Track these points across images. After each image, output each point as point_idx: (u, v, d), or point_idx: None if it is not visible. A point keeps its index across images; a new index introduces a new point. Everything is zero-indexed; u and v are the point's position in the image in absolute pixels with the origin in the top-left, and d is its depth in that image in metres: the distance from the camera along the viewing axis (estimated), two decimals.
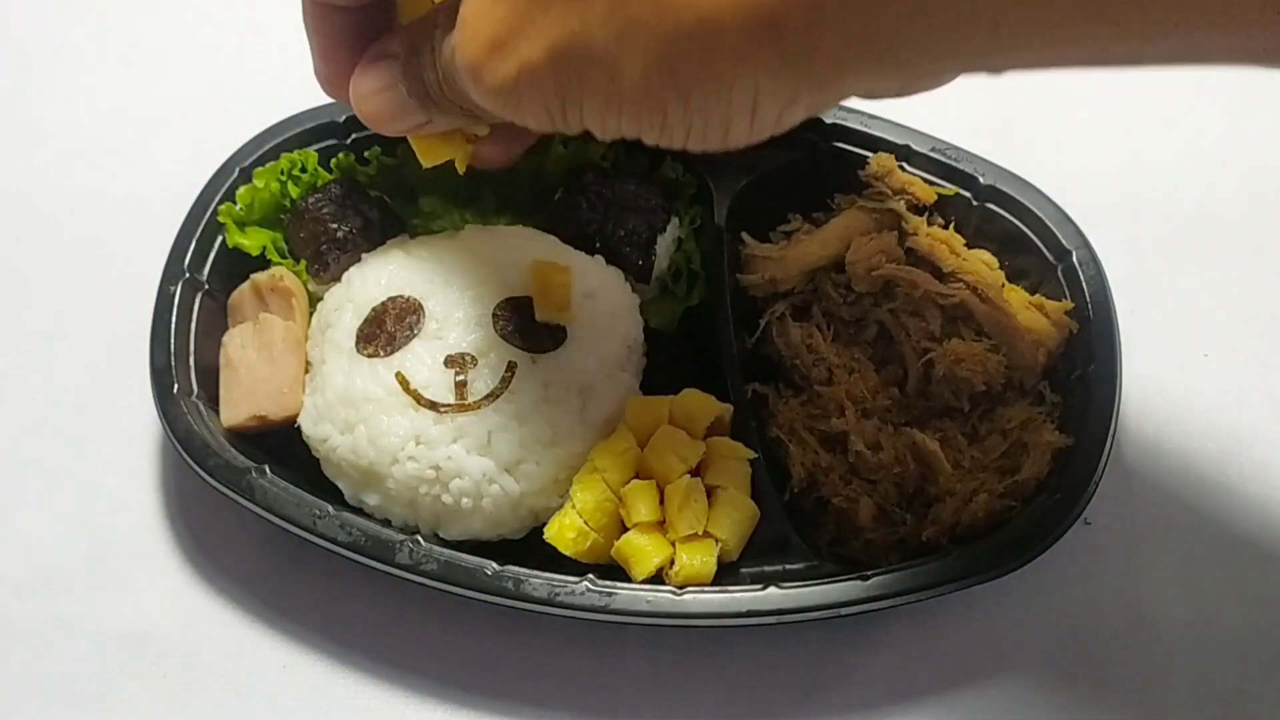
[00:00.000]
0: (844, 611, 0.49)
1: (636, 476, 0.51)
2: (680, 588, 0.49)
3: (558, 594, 0.49)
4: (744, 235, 0.58)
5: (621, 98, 0.36)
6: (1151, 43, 0.31)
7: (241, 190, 0.57)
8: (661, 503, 0.50)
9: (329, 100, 0.58)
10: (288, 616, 0.54)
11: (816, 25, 0.32)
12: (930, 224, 0.59)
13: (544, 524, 0.51)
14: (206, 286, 0.56)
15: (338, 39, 0.47)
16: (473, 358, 0.51)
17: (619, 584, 0.49)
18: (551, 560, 0.50)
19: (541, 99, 0.37)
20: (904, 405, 0.55)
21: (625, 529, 0.50)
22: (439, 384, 0.50)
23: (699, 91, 0.35)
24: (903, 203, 0.58)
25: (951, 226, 0.59)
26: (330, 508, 0.51)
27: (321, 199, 0.56)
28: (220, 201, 0.57)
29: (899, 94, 0.37)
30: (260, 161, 0.58)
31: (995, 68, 0.34)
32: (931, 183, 0.59)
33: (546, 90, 0.37)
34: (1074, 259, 0.56)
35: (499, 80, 0.37)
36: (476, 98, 0.39)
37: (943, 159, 0.59)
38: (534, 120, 0.39)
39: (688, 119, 0.36)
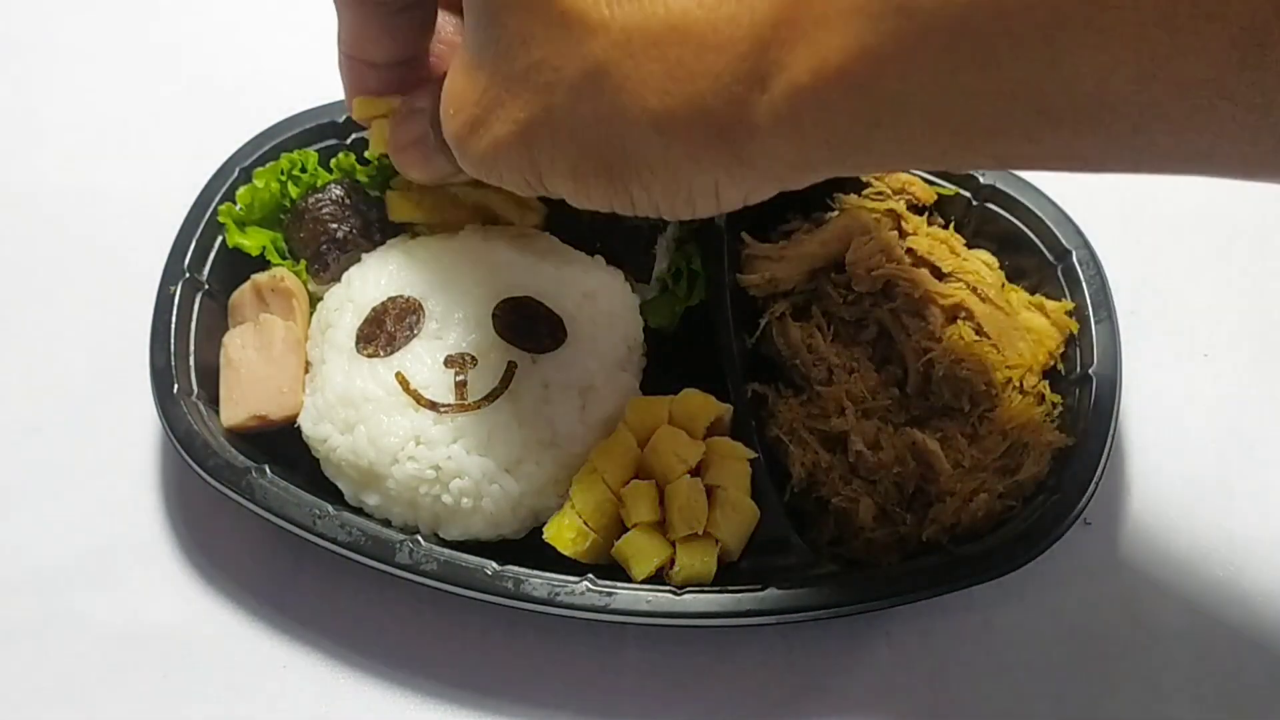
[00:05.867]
0: (844, 611, 0.49)
1: (636, 476, 0.51)
2: (680, 588, 0.49)
3: (558, 594, 0.49)
4: (744, 235, 0.58)
5: (587, 181, 0.39)
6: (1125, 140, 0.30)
7: (241, 190, 0.57)
8: (661, 503, 0.50)
9: (329, 100, 0.59)
10: (288, 616, 0.54)
11: (757, 135, 0.34)
12: (930, 224, 0.59)
13: (544, 524, 0.51)
14: (206, 286, 0.56)
15: (372, 92, 0.50)
16: (473, 358, 0.51)
17: (619, 584, 0.49)
18: (551, 560, 0.50)
19: (518, 172, 0.41)
20: (904, 405, 0.55)
21: (625, 529, 0.50)
22: (439, 384, 0.50)
23: (659, 182, 0.38)
24: (902, 202, 0.58)
25: (951, 226, 0.59)
26: (330, 508, 0.51)
27: (321, 199, 0.56)
28: (220, 201, 0.57)
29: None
30: (260, 161, 0.58)
31: (955, 168, 0.35)
32: (931, 182, 0.59)
33: (522, 165, 0.40)
34: (1074, 259, 0.56)
35: (478, 153, 0.41)
36: (464, 166, 0.43)
37: None
38: (516, 188, 0.42)
39: (653, 201, 0.39)
